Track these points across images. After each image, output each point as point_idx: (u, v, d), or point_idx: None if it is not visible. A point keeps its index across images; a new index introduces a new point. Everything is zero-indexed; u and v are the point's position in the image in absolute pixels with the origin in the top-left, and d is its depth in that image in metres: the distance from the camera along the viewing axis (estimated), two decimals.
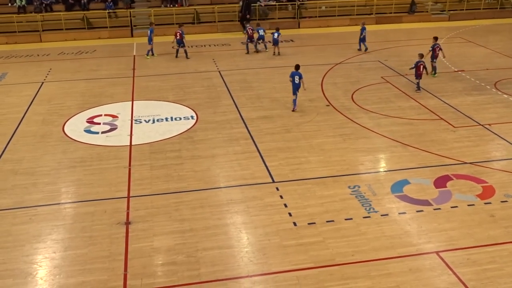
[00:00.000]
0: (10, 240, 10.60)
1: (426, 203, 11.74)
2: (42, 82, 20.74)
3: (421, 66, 18.61)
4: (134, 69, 22.47)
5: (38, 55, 25.22)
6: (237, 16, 30.01)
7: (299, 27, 30.50)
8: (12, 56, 24.97)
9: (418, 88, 18.80)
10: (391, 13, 31.97)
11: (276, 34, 23.86)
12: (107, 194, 12.30)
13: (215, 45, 26.50)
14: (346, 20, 31.16)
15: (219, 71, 21.85)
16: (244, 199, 12.00)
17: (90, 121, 16.70)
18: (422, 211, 11.43)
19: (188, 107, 17.69)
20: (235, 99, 18.44)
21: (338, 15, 31.35)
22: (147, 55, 24.18)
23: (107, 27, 29.01)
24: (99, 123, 16.54)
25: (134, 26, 29.30)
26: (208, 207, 11.69)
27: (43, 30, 28.30)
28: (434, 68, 20.46)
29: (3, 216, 11.48)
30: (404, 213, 11.37)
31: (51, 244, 10.54)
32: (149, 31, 24.10)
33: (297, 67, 17.18)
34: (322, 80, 20.37)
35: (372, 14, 31.78)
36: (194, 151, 14.46)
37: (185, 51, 23.71)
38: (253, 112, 17.23)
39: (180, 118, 16.82)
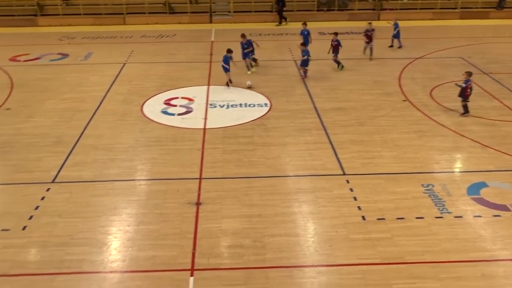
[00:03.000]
0: (88, 211, 11.17)
1: (504, 208, 11.23)
2: (124, 63, 21.54)
3: (469, 87, 15.69)
4: (211, 54, 22.85)
5: (121, 37, 26.20)
6: (293, 7, 29.79)
7: (378, 19, 29.80)
8: (97, 37, 26.08)
9: (466, 111, 15.86)
10: (477, 8, 30.57)
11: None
12: (180, 174, 12.65)
13: (292, 34, 26.42)
14: (428, 14, 30.13)
15: (294, 61, 21.80)
16: (313, 189, 11.98)
17: (167, 103, 17.19)
18: (499, 216, 10.95)
19: (262, 95, 17.80)
20: (309, 89, 18.36)
21: (420, 9, 30.36)
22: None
23: (187, 13, 29.63)
24: (175, 105, 17.01)
25: (214, 12, 29.75)
26: (277, 194, 11.77)
27: (127, 13, 29.32)
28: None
29: (84, 187, 12.11)
30: (480, 216, 10.94)
31: (126, 217, 11.01)
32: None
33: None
34: (400, 75, 19.86)
35: (456, 8, 30.53)
36: (266, 138, 14.56)
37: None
38: (327, 103, 17.09)
39: (254, 105, 16.97)
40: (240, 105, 17.02)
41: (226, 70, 18.56)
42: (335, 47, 20.58)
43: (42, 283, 9.09)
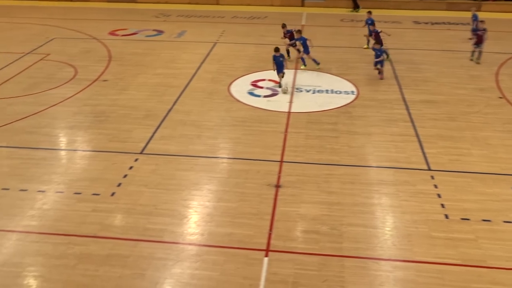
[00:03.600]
0: (172, 183, 11.61)
1: None
2: (215, 43, 21.96)
3: None
4: None
5: (214, 16, 26.69)
6: None
7: (479, 10, 28.24)
8: (191, 16, 26.74)
9: None
10: None
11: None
12: (261, 156, 12.80)
13: (384, 22, 25.70)
14: None
15: (386, 49, 21.19)
16: (395, 182, 11.72)
17: (254, 84, 17.38)
18: None
19: (350, 82, 17.54)
20: (399, 79, 17.85)
21: None
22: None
23: None
24: (262, 87, 17.16)
25: None
26: (358, 183, 11.62)
27: None
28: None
29: (170, 160, 12.59)
30: None
31: (207, 193, 11.33)
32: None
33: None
34: (498, 70, 18.80)
35: None
36: (351, 126, 14.37)
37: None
38: (417, 95, 16.54)
39: (340, 92, 16.77)
40: (327, 91, 16.87)
41: (277, 70, 17.01)
42: (377, 36, 19.59)
43: (126, 247, 9.59)
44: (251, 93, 16.61)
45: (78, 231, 9.99)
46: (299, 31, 18.98)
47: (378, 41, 18.37)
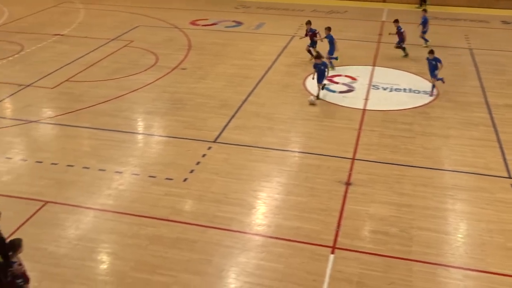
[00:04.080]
0: (243, 173, 11.77)
1: None
2: (293, 36, 21.93)
3: None
4: (380, 35, 22.27)
5: (293, 9, 26.64)
6: None
7: None
8: (270, 8, 26.83)
9: None
10: None
11: None
12: (333, 152, 12.70)
13: (470, 21, 24.66)
14: None
15: (470, 49, 20.38)
16: (471, 188, 11.27)
17: (330, 79, 17.20)
18: None
19: (430, 82, 16.97)
20: (482, 82, 17.08)
21: None
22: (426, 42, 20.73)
23: None
24: (337, 83, 16.98)
25: None
26: (431, 187, 11.28)
27: None
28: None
29: (242, 150, 12.76)
30: None
31: (276, 186, 11.40)
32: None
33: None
34: None
35: None
36: (427, 127, 13.94)
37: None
38: (501, 98, 15.77)
39: (419, 92, 16.29)
40: (404, 90, 16.45)
41: (318, 79, 15.48)
42: (399, 34, 19.24)
43: (195, 232, 9.85)
44: (326, 88, 16.46)
45: (151, 213, 10.37)
46: (329, 28, 18.36)
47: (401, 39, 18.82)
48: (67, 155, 12.52)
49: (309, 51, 18.65)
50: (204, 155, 12.53)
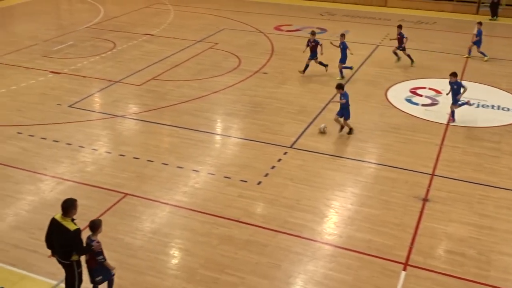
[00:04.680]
0: (317, 181, 11.70)
1: None
2: (377, 45, 21.55)
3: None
4: (470, 47, 21.33)
5: (380, 18, 26.18)
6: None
7: None
8: (356, 16, 26.52)
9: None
10: None
11: None
12: (411, 166, 12.33)
13: None
14: None
15: None
16: None
17: (413, 91, 16.75)
18: None
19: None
20: None
21: None
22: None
23: (452, 1, 28.09)
24: (421, 95, 16.49)
25: (482, 3, 27.61)
26: None
27: None
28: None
29: (317, 158, 12.69)
30: None
31: (350, 196, 11.23)
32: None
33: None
34: None
35: None
36: None
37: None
38: None
39: (508, 109, 15.48)
40: (493, 106, 15.69)
41: (340, 113, 13.87)
42: (399, 40, 18.82)
43: (265, 236, 9.90)
44: (408, 100, 16.05)
45: (224, 213, 10.54)
46: (343, 35, 18.04)
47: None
48: (148, 150, 12.99)
49: (307, 66, 17.96)
50: (279, 160, 12.58)
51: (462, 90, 14.43)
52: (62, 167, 12.18)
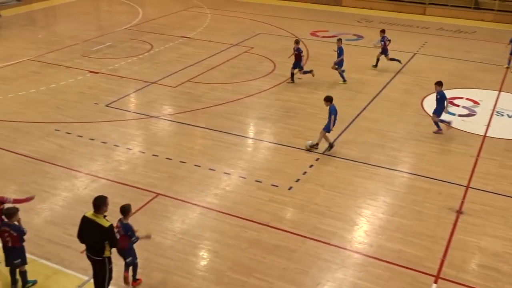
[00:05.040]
0: (349, 189, 11.60)
1: None
2: (414, 54, 21.27)
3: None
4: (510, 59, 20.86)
5: (417, 26, 25.83)
6: None
7: None
8: (394, 24, 26.22)
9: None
10: None
11: None
12: (446, 177, 12.11)
13: None
14: None
15: None
16: None
17: (450, 101, 16.34)
18: None
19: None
20: None
21: None
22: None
23: (493, 10, 27.50)
24: (458, 105, 16.20)
25: None
26: None
27: (429, 3, 28.65)
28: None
29: (349, 165, 12.59)
30: None
31: (382, 205, 11.10)
32: None
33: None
34: None
35: None
36: None
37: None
38: None
39: None
40: None
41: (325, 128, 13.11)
42: (384, 49, 19.06)
43: (294, 241, 9.86)
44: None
45: (253, 217, 10.55)
46: (340, 40, 18.17)
47: None
48: (181, 151, 13.12)
49: (292, 74, 17.76)
50: (311, 166, 12.53)
51: (445, 103, 14.11)
52: (96, 165, 12.41)
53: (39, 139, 13.57)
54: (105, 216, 7.75)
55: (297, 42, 17.63)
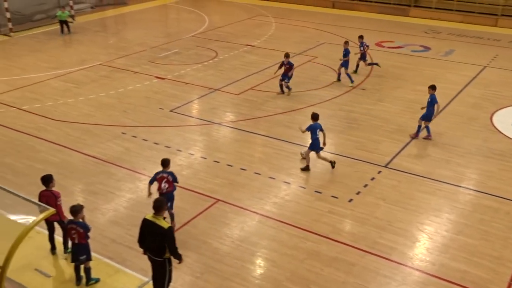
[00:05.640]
0: (412, 204, 11.30)
1: None
2: (485, 66, 20.51)
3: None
4: None
5: (488, 38, 24.90)
6: None
7: None
8: (463, 35, 25.41)
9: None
10: None
11: None
12: None
13: None
14: None
15: None
16: None
17: None
18: None
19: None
20: None
21: None
22: None
23: None
24: None
25: None
26: None
27: (501, 15, 27.59)
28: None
29: (412, 180, 12.26)
30: None
31: (446, 222, 10.73)
32: None
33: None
34: None
35: None
36: None
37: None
38: None
39: None
40: None
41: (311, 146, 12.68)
42: (362, 55, 19.07)
43: (353, 255, 9.70)
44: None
45: (312, 228, 10.46)
46: (347, 42, 18.69)
47: None
48: (242, 159, 13.22)
49: (281, 86, 17.37)
50: (373, 179, 12.30)
51: (436, 107, 13.89)
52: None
53: (106, 142, 14.06)
54: (164, 218, 7.91)
55: (287, 56, 17.27)
